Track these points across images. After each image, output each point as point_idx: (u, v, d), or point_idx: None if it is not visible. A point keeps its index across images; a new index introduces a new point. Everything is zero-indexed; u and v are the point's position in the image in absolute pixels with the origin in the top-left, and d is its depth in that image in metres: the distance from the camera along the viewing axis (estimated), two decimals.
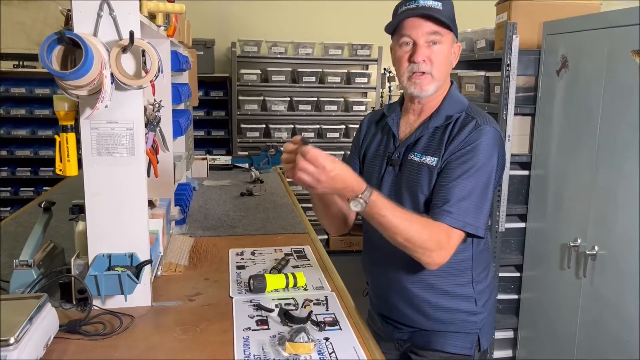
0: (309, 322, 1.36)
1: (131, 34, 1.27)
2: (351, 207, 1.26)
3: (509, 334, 3.01)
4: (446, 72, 1.45)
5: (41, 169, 4.64)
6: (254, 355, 1.22)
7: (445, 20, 1.37)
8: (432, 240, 1.30)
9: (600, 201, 2.32)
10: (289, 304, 1.48)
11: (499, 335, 2.97)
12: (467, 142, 1.37)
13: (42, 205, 1.69)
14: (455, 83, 1.52)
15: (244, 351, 1.23)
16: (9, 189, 4.64)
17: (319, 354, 1.23)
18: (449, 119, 1.43)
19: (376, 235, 1.51)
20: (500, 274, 2.89)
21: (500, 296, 2.93)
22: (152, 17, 1.67)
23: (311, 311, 1.42)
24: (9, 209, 4.56)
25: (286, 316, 1.37)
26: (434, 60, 1.40)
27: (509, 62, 2.67)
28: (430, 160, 1.41)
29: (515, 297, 2.96)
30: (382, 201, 1.28)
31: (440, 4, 1.38)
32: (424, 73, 1.40)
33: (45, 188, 4.48)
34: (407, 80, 1.43)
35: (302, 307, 1.47)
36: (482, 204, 1.35)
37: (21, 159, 4.62)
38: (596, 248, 2.31)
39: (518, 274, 2.95)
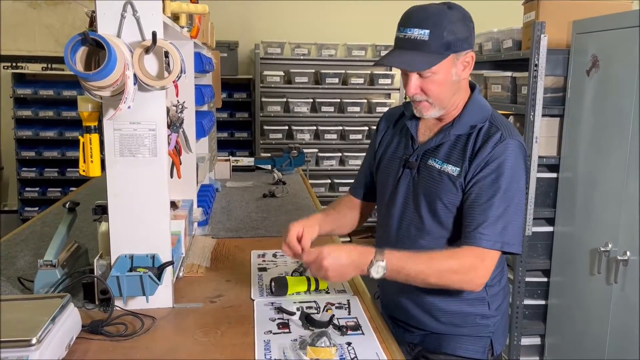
0: (330, 326, 1.34)
1: (154, 34, 1.27)
2: (374, 276, 1.28)
3: (536, 340, 2.93)
4: (448, 95, 1.38)
5: (68, 169, 4.73)
6: (275, 359, 1.20)
7: (427, 59, 1.30)
8: (463, 267, 1.30)
9: (632, 205, 2.24)
10: (310, 307, 1.46)
11: (525, 341, 2.90)
12: (492, 157, 1.33)
13: (67, 205, 1.71)
14: (478, 87, 1.47)
15: (265, 355, 1.22)
16: (37, 189, 4.73)
17: (340, 359, 1.21)
18: (472, 128, 1.38)
19: (386, 239, 1.51)
20: (527, 279, 2.82)
21: (527, 301, 2.86)
22: (175, 18, 1.67)
23: (333, 315, 1.39)
24: (36, 209, 4.65)
25: (308, 320, 1.35)
26: (427, 90, 1.35)
27: (536, 62, 2.61)
28: (452, 169, 1.38)
29: (542, 302, 2.89)
30: (398, 255, 1.29)
31: (426, 32, 1.29)
32: (420, 101, 1.38)
33: (72, 188, 4.56)
34: (412, 102, 1.42)
35: (324, 310, 1.45)
36: (516, 220, 1.32)
37: (49, 159, 4.71)
38: (628, 253, 2.24)
39: (545, 279, 2.87)
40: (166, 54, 1.34)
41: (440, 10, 1.31)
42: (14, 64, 4.76)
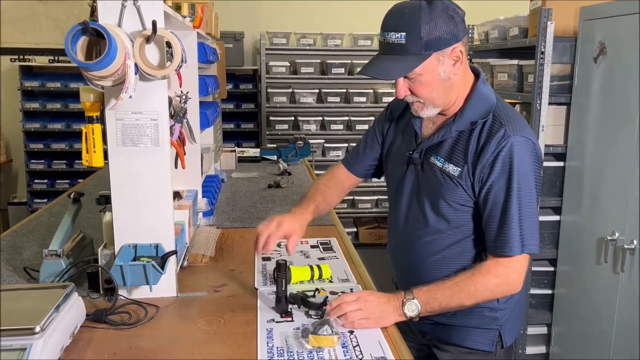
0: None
1: (154, 23, 1.27)
2: (409, 314, 1.31)
3: (543, 329, 2.93)
4: (439, 94, 1.32)
5: (76, 161, 4.75)
6: (277, 348, 1.21)
7: (405, 64, 1.25)
8: (491, 282, 1.32)
9: (639, 193, 2.22)
10: (312, 297, 1.46)
11: (531, 330, 2.90)
12: (497, 158, 1.28)
13: (72, 196, 1.72)
14: (483, 75, 1.40)
15: (267, 343, 1.23)
16: (45, 181, 4.76)
17: (342, 347, 1.21)
18: (474, 124, 1.33)
19: (394, 233, 1.52)
20: (534, 268, 2.81)
21: (533, 291, 2.86)
22: (177, 8, 1.67)
23: (327, 297, 1.40)
24: (45, 200, 4.67)
25: (303, 302, 1.36)
26: (416, 92, 1.31)
27: (543, 49, 2.58)
28: (453, 169, 1.34)
29: (549, 292, 2.88)
30: (425, 288, 1.33)
31: (403, 35, 1.23)
32: (413, 102, 1.35)
33: (79, 180, 4.58)
34: None
35: (315, 292, 1.44)
36: (530, 220, 1.31)
37: (57, 151, 4.73)
38: (635, 242, 2.22)
39: (552, 269, 2.86)
40: (168, 44, 1.34)
41: (416, 9, 1.24)
42: (21, 57, 4.78)
